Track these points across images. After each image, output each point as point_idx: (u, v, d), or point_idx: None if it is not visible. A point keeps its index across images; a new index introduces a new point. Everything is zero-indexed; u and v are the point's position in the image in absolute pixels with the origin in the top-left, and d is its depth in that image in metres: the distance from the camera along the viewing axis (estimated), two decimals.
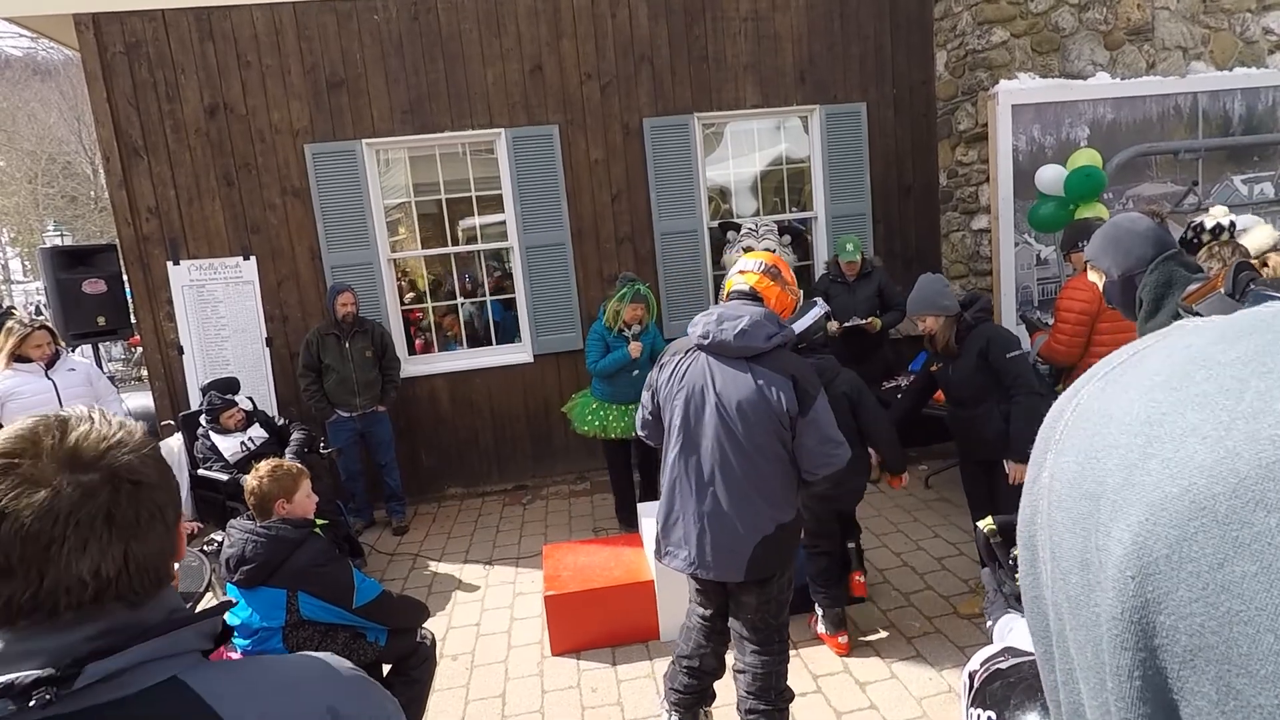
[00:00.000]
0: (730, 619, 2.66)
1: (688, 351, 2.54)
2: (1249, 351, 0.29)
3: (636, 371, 4.56)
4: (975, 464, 3.63)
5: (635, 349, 4.55)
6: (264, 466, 2.67)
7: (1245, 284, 2.01)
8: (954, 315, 3.46)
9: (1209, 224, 3.72)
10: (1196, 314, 2.15)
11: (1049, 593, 0.36)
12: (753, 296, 2.56)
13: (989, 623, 1.60)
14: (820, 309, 3.78)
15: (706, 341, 2.45)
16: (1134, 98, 5.53)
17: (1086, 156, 4.98)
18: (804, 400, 2.39)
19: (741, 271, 2.62)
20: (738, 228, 5.50)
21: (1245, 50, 5.84)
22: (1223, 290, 2.06)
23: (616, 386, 4.72)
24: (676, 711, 2.73)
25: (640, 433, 2.78)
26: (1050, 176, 5.07)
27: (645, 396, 2.68)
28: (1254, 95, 5.71)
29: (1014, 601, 1.56)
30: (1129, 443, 0.31)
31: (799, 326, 3.50)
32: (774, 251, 5.12)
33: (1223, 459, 0.27)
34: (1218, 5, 5.75)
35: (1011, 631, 1.46)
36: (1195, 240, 3.73)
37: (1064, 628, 0.35)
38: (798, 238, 5.94)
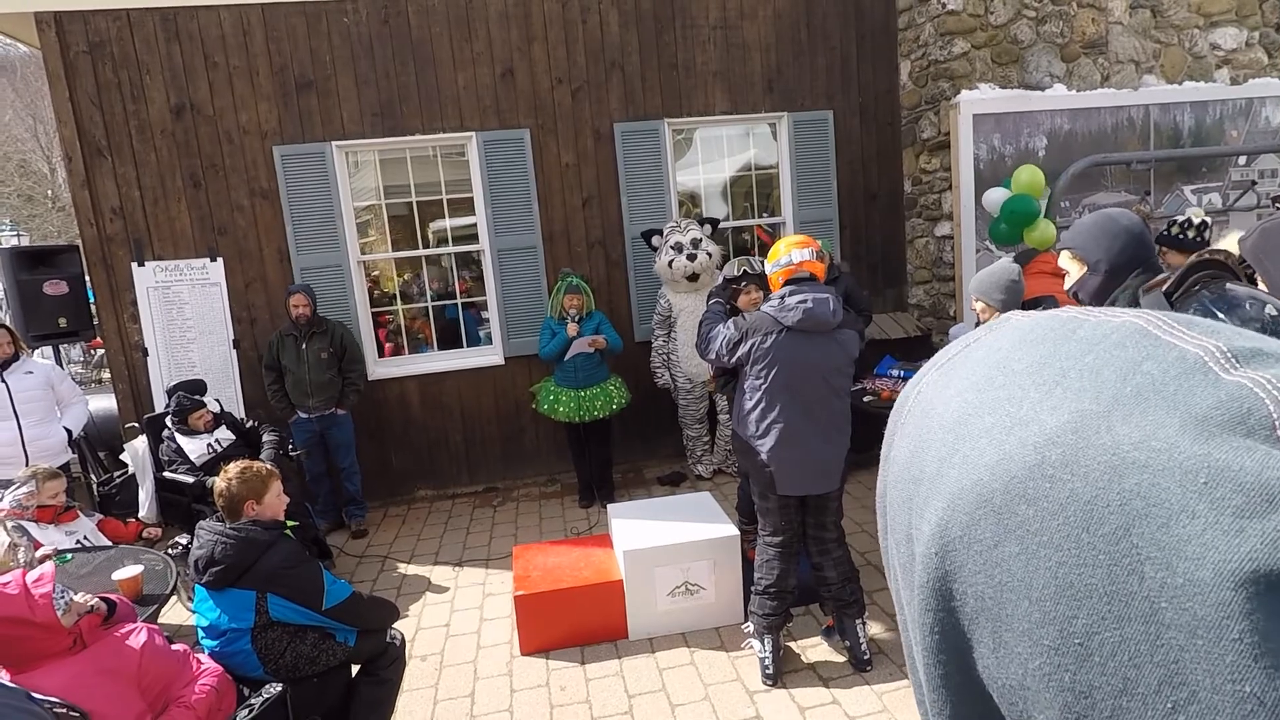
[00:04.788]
0: (814, 530, 3.33)
1: (775, 333, 3.07)
2: (1034, 361, 0.35)
3: (580, 356, 5.09)
4: None
5: (572, 329, 5.05)
6: (233, 468, 2.67)
7: (1193, 286, 1.91)
8: (1001, 312, 3.27)
9: (1196, 219, 3.76)
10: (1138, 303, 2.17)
11: (889, 553, 0.42)
12: (809, 279, 3.14)
13: None
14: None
15: (801, 326, 3.03)
16: (1089, 109, 5.72)
17: (1027, 173, 5.09)
18: (864, 338, 3.28)
19: (800, 263, 3.15)
20: (661, 231, 5.49)
21: (1194, 65, 6.06)
22: (1164, 289, 2.08)
23: (565, 372, 5.18)
24: (770, 635, 3.28)
25: (709, 355, 3.29)
26: (994, 199, 5.26)
27: (722, 351, 3.19)
28: (1202, 109, 5.92)
29: None
30: (943, 439, 0.37)
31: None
32: (700, 240, 5.27)
33: (1000, 460, 0.32)
34: (1168, 21, 5.97)
35: None
36: (1181, 235, 3.78)
37: (898, 588, 0.41)
38: (715, 228, 5.83)
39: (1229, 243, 3.13)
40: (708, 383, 5.28)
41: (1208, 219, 3.73)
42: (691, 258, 5.23)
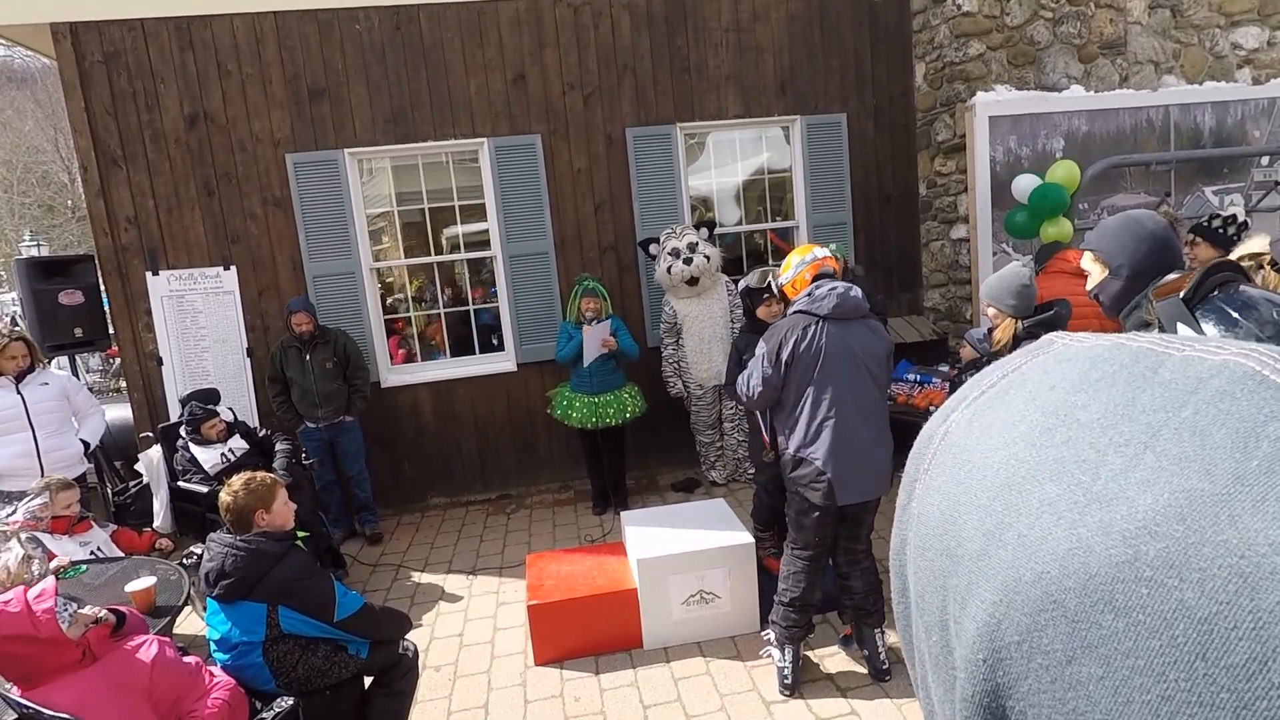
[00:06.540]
0: (846, 542, 3.24)
1: (814, 325, 3.01)
2: (1107, 410, 0.28)
3: (595, 362, 5.06)
4: None
5: (588, 331, 5.02)
6: (236, 481, 2.65)
7: (1210, 290, 1.89)
8: (1014, 317, 3.16)
9: (1240, 217, 3.71)
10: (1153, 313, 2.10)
11: (915, 632, 0.36)
12: (830, 275, 3.18)
13: None
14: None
15: (836, 312, 3.00)
16: (1107, 110, 5.64)
17: (1064, 169, 5.05)
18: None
19: (822, 259, 3.20)
20: (658, 240, 5.47)
21: (1215, 65, 5.97)
22: (1181, 295, 1.93)
23: (580, 378, 5.17)
24: (790, 645, 3.24)
25: (755, 387, 3.10)
26: (1025, 185, 5.16)
27: (767, 370, 3.05)
28: (1223, 109, 5.83)
29: None
30: (988, 505, 0.30)
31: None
32: (696, 244, 5.26)
33: (1075, 549, 0.26)
34: (1188, 21, 5.88)
35: None
36: (1221, 229, 3.72)
37: (926, 673, 0.34)
38: (712, 231, 5.81)
39: (1255, 244, 3.07)
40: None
41: (1248, 220, 3.67)
42: (689, 261, 5.20)
